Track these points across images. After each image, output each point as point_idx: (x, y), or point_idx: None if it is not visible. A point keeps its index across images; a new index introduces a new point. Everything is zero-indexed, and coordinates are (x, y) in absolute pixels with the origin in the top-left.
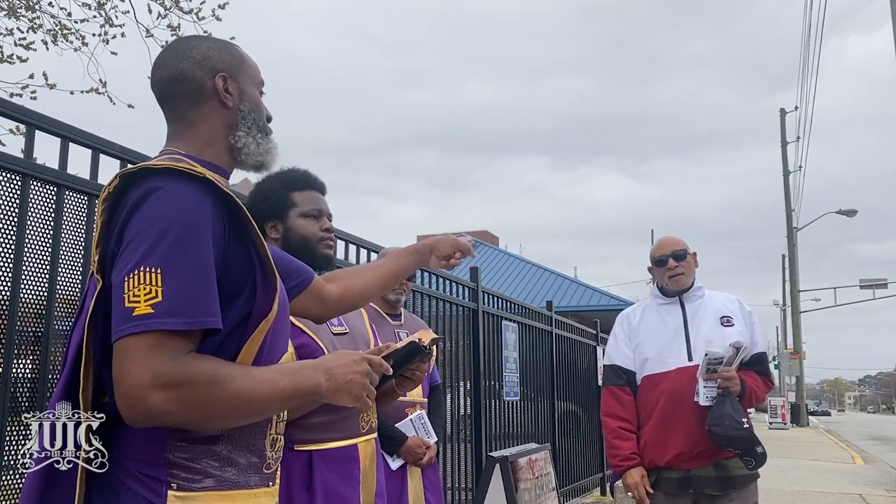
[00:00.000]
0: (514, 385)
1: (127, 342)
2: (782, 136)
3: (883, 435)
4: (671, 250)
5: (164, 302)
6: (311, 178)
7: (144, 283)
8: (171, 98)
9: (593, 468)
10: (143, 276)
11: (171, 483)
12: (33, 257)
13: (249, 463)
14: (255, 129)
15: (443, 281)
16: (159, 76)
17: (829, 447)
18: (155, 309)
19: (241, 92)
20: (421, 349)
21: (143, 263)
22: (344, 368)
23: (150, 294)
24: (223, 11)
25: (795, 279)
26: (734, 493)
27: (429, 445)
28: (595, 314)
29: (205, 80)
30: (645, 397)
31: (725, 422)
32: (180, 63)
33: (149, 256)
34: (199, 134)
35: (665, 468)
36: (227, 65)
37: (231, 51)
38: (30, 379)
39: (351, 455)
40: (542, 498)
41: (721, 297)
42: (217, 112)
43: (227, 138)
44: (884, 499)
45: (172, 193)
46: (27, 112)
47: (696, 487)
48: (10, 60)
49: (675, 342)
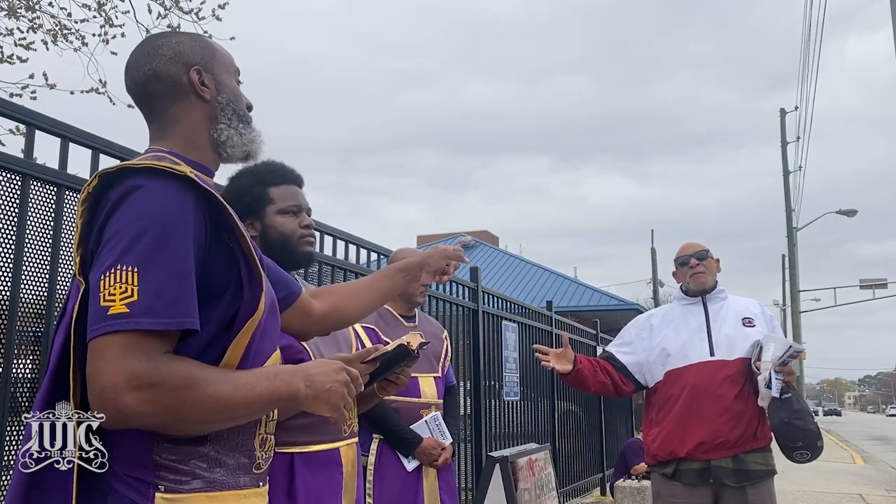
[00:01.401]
0: (514, 385)
1: (101, 342)
2: (782, 136)
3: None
4: (693, 251)
5: (139, 301)
6: (288, 172)
7: (120, 282)
8: (148, 98)
9: (593, 468)
10: (120, 274)
11: (158, 485)
12: (33, 257)
13: (238, 463)
14: (235, 120)
15: None
16: (133, 77)
17: (829, 447)
18: (130, 308)
19: (217, 83)
20: (409, 353)
21: (120, 262)
22: (324, 376)
23: (126, 293)
24: (223, 11)
25: (795, 279)
26: (750, 489)
27: (444, 447)
28: (595, 314)
29: (179, 75)
30: (667, 390)
31: (805, 416)
32: (152, 62)
33: (126, 255)
34: (180, 131)
35: (685, 459)
36: (199, 57)
37: (201, 43)
38: (30, 379)
39: (333, 459)
40: (542, 498)
41: (743, 301)
42: (196, 106)
43: (209, 132)
44: (884, 499)
45: (153, 192)
46: (27, 112)
47: (716, 478)
48: (10, 60)
49: (698, 337)
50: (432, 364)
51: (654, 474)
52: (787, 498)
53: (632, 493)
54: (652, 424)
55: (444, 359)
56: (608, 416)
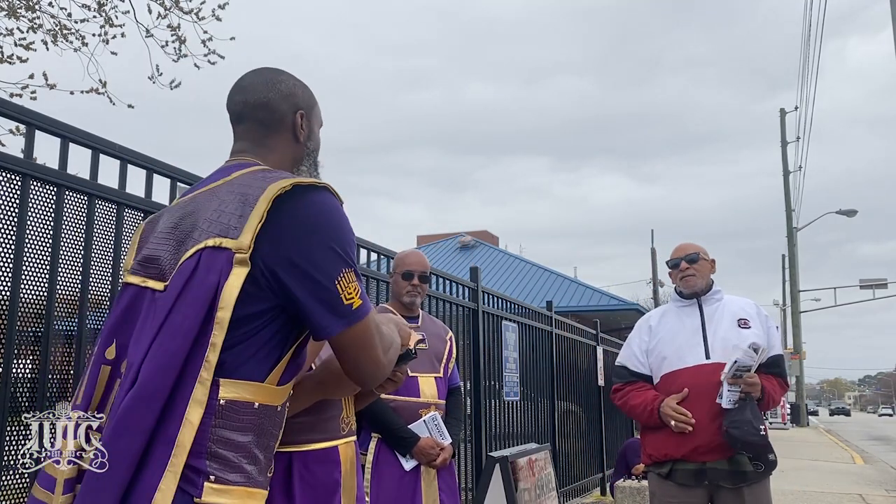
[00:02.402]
0: (514, 385)
1: (362, 326)
2: (782, 136)
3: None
4: (684, 254)
5: (362, 293)
6: None
7: (350, 282)
8: (251, 121)
9: (593, 468)
10: (347, 277)
11: (209, 474)
12: (33, 257)
13: (263, 464)
14: (313, 167)
15: (443, 281)
16: (244, 99)
17: (829, 447)
18: (363, 300)
19: (310, 131)
20: (407, 352)
21: (344, 267)
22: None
23: (357, 291)
24: (223, 11)
25: (795, 279)
26: (746, 490)
27: (442, 447)
28: (595, 314)
29: (287, 113)
30: (664, 392)
31: (744, 426)
32: (269, 93)
33: (344, 262)
34: (272, 158)
35: (681, 460)
36: (306, 104)
37: (309, 93)
38: (30, 379)
39: (332, 458)
40: (542, 498)
41: (739, 301)
42: (289, 143)
43: (291, 168)
44: (884, 499)
45: (337, 208)
46: (27, 112)
47: (711, 479)
48: (10, 60)
49: (693, 341)
50: (433, 364)
51: (650, 474)
52: (787, 498)
53: (632, 493)
54: (648, 426)
55: (448, 360)
56: (608, 416)
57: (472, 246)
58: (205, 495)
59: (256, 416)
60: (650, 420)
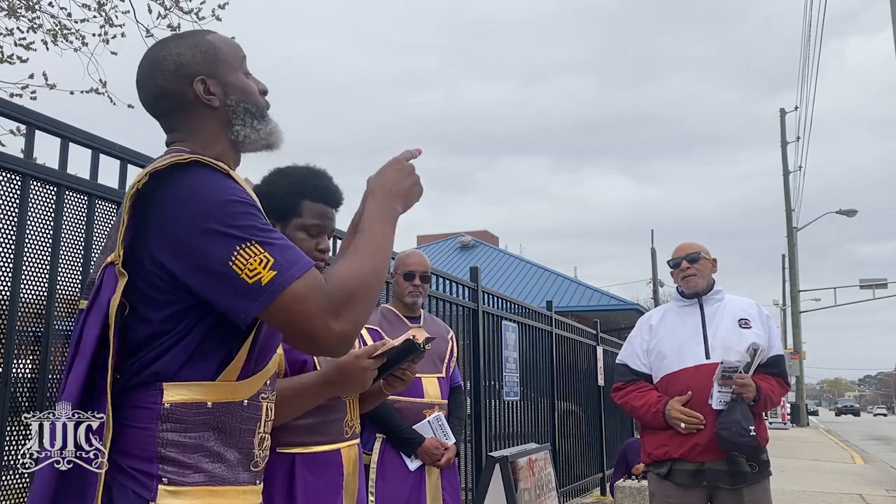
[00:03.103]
0: (514, 385)
1: (282, 300)
2: (782, 136)
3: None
4: (685, 253)
5: (277, 262)
6: (329, 191)
7: (251, 257)
8: (161, 114)
9: (593, 468)
10: (244, 253)
11: (161, 477)
12: (33, 257)
13: (238, 459)
14: (249, 118)
15: (443, 281)
16: (143, 97)
17: (829, 447)
18: (276, 269)
19: (223, 86)
20: (415, 347)
21: (235, 245)
22: (402, 182)
23: (263, 262)
24: (223, 11)
25: (795, 279)
26: (746, 490)
27: (447, 447)
28: (595, 314)
29: (184, 89)
30: (664, 392)
31: (732, 427)
32: (157, 80)
33: (231, 239)
34: (197, 138)
35: (679, 459)
36: (201, 65)
37: (202, 46)
38: (30, 379)
39: (334, 460)
40: (542, 498)
41: (740, 301)
42: (207, 115)
43: (226, 136)
44: (884, 499)
45: (211, 180)
46: (27, 112)
47: (710, 480)
48: (10, 60)
49: (693, 341)
50: (436, 364)
51: (650, 474)
52: (787, 498)
53: (632, 493)
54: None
55: (450, 359)
56: (608, 416)
57: (472, 246)
58: (160, 498)
59: (211, 416)
60: (654, 421)
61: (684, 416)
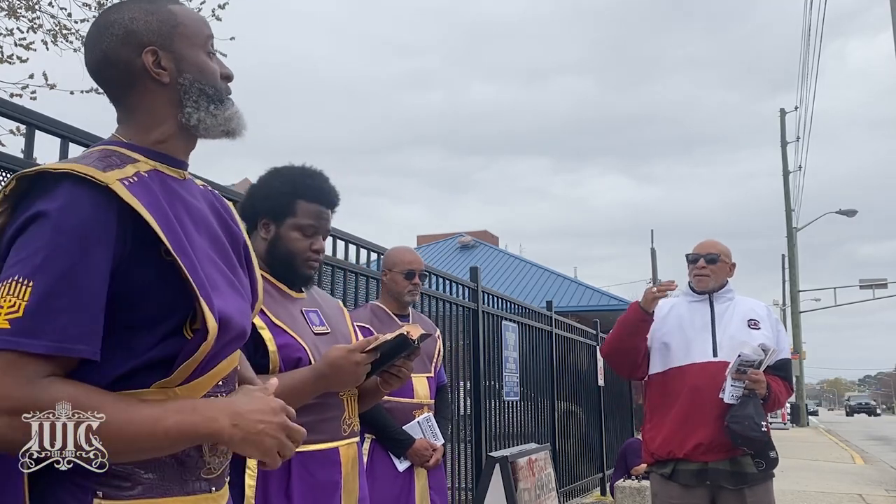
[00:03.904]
0: (514, 385)
1: None
2: (782, 136)
3: (883, 435)
4: (705, 251)
5: (23, 319)
6: (324, 192)
7: (10, 294)
8: (104, 84)
9: (593, 468)
10: (11, 286)
11: (96, 491)
12: None
13: (184, 469)
14: (203, 101)
15: (443, 281)
16: (87, 61)
17: (829, 447)
18: (12, 325)
19: (178, 61)
20: (409, 342)
21: (14, 273)
22: (256, 415)
23: (13, 307)
24: (223, 12)
25: (795, 279)
26: (748, 491)
27: (435, 447)
28: (595, 314)
29: (132, 58)
30: (667, 388)
31: (745, 422)
32: (102, 43)
33: (21, 266)
34: (140, 119)
35: (683, 459)
36: (155, 34)
37: (160, 15)
38: None
39: (332, 459)
40: (542, 498)
41: (750, 302)
42: (154, 92)
43: (175, 118)
44: (884, 499)
45: (62, 206)
46: (27, 112)
47: (713, 480)
48: (10, 60)
49: (701, 337)
50: (425, 364)
51: (652, 474)
52: (787, 498)
53: (632, 493)
54: (651, 423)
55: (437, 358)
56: (608, 416)
57: (472, 246)
58: None
59: None
60: (634, 317)
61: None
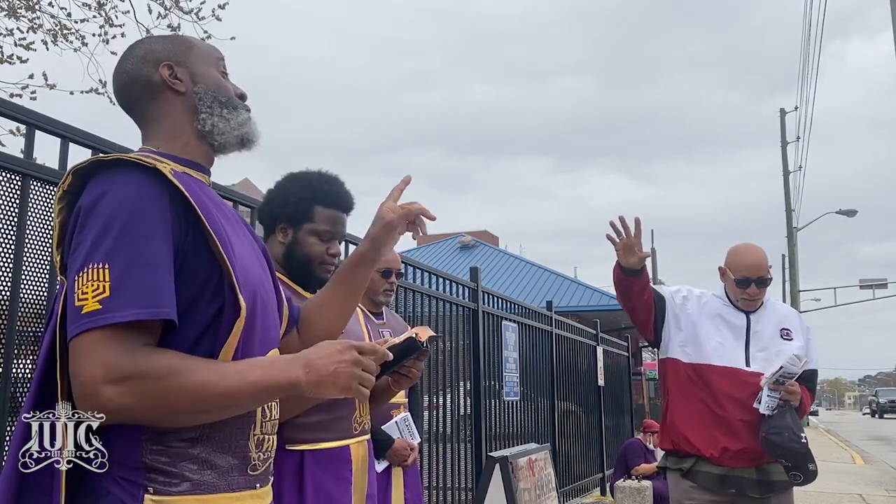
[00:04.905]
0: (514, 385)
1: (79, 340)
2: (782, 136)
3: (883, 435)
4: (757, 275)
5: (111, 297)
6: (341, 197)
7: (92, 280)
8: (130, 104)
9: (593, 468)
10: (91, 272)
11: (147, 487)
12: (33, 257)
13: (231, 465)
14: (217, 107)
15: (443, 281)
16: (114, 87)
17: (829, 447)
18: (103, 304)
19: (193, 74)
20: (418, 345)
21: (90, 261)
22: (327, 359)
23: (98, 290)
24: (223, 11)
25: (795, 279)
26: (774, 499)
27: (413, 447)
28: (595, 314)
29: (151, 73)
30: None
31: (785, 433)
32: (125, 65)
33: (94, 253)
34: (163, 129)
35: (707, 460)
36: (170, 53)
37: (175, 41)
38: (30, 379)
39: (343, 456)
40: (542, 498)
41: (783, 310)
42: (173, 102)
43: (193, 125)
44: (884, 499)
45: (121, 188)
46: (27, 112)
47: (738, 488)
48: (10, 60)
49: (736, 343)
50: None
51: (669, 471)
52: None
53: (632, 493)
54: (675, 411)
55: None
56: (608, 416)
57: (472, 246)
58: None
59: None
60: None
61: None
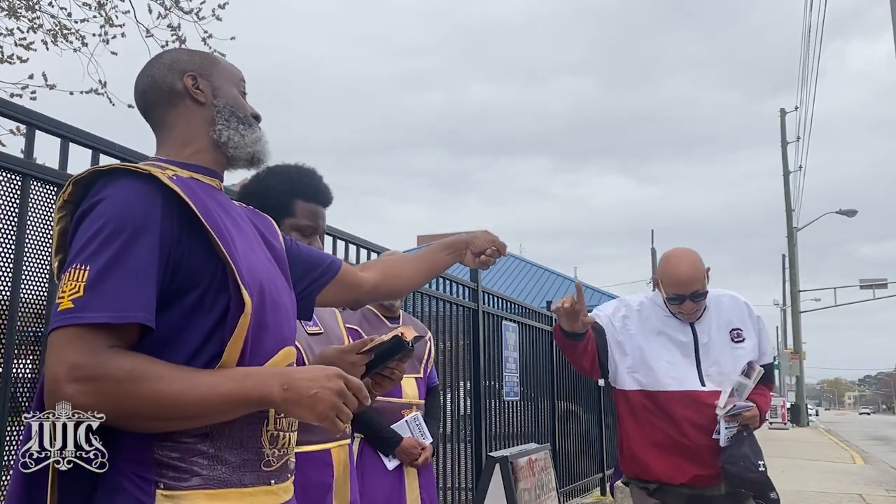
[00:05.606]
0: (514, 385)
1: (52, 336)
2: (782, 136)
3: (883, 435)
4: (689, 290)
5: (83, 296)
6: (320, 191)
7: (72, 280)
8: (149, 108)
9: (593, 468)
10: (73, 272)
11: (158, 482)
12: (33, 257)
13: (243, 461)
14: (234, 121)
15: (443, 281)
16: (136, 89)
17: (829, 447)
18: (75, 304)
19: (214, 88)
20: (404, 345)
21: (74, 261)
22: (311, 382)
23: (74, 290)
24: (223, 11)
25: (795, 279)
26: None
27: (424, 446)
28: None
29: (175, 81)
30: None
31: (741, 462)
32: (151, 70)
33: (79, 255)
34: (176, 134)
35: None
36: (196, 65)
37: (203, 55)
38: (30, 379)
39: (324, 460)
40: (542, 498)
41: (728, 304)
42: (192, 110)
43: (208, 135)
44: (884, 499)
45: (115, 195)
46: (27, 112)
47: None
48: (10, 60)
49: (685, 361)
50: (414, 365)
51: (633, 485)
52: (787, 498)
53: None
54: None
55: (427, 360)
56: (608, 416)
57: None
58: (157, 502)
59: None
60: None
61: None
